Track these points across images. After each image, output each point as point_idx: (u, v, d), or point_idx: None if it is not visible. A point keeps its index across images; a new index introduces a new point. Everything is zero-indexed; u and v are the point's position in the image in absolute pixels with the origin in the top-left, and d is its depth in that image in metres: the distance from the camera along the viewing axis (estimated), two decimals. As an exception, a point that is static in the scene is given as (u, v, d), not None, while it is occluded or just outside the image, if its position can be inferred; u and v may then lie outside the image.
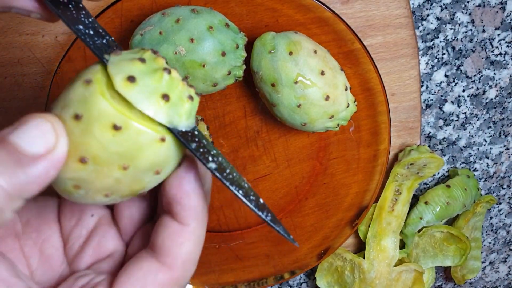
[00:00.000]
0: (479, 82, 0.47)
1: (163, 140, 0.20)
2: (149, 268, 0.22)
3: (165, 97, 0.19)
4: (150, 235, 0.24)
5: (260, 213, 0.21)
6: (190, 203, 0.22)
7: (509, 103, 0.49)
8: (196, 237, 0.22)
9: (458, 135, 0.49)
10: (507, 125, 0.50)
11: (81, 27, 0.21)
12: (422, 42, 0.45)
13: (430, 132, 0.49)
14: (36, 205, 0.26)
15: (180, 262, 0.22)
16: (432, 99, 0.47)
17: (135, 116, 0.19)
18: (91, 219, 0.27)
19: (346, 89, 0.38)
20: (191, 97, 0.21)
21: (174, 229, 0.22)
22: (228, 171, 0.21)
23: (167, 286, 0.22)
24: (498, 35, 0.46)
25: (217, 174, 0.21)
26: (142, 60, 0.20)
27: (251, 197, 0.21)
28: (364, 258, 0.47)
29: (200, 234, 0.23)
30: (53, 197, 0.27)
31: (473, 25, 0.45)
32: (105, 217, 0.28)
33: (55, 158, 0.20)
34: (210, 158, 0.21)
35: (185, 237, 0.22)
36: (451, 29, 0.45)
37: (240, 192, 0.21)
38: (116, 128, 0.19)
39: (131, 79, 0.19)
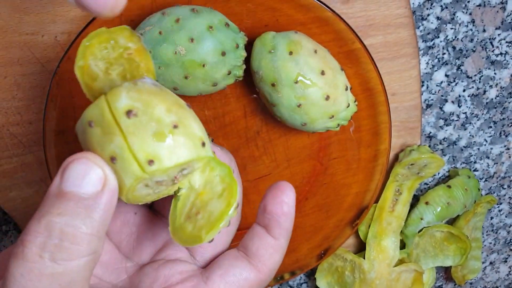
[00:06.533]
0: (479, 82, 0.47)
1: None
2: (243, 267, 0.27)
3: None
4: None
5: None
6: (286, 224, 0.27)
7: (509, 103, 0.48)
8: (282, 251, 0.27)
9: (459, 135, 0.49)
10: (508, 125, 0.50)
11: None
12: (423, 42, 0.45)
13: (430, 132, 0.49)
14: None
15: (268, 269, 0.27)
16: (432, 99, 0.47)
17: None
18: (136, 216, 0.30)
19: (346, 89, 0.38)
20: None
21: (268, 241, 0.27)
22: None
23: (254, 286, 0.27)
24: (499, 34, 0.46)
25: None
26: None
27: None
28: (364, 258, 0.47)
29: (285, 249, 0.28)
30: None
31: (473, 25, 0.45)
32: (148, 213, 0.31)
33: (112, 186, 0.22)
34: None
35: (275, 249, 0.27)
36: (451, 29, 0.45)
37: None
38: None
39: None
